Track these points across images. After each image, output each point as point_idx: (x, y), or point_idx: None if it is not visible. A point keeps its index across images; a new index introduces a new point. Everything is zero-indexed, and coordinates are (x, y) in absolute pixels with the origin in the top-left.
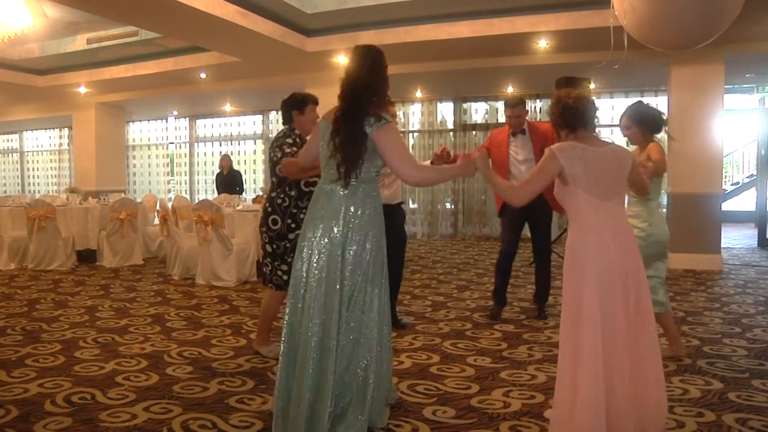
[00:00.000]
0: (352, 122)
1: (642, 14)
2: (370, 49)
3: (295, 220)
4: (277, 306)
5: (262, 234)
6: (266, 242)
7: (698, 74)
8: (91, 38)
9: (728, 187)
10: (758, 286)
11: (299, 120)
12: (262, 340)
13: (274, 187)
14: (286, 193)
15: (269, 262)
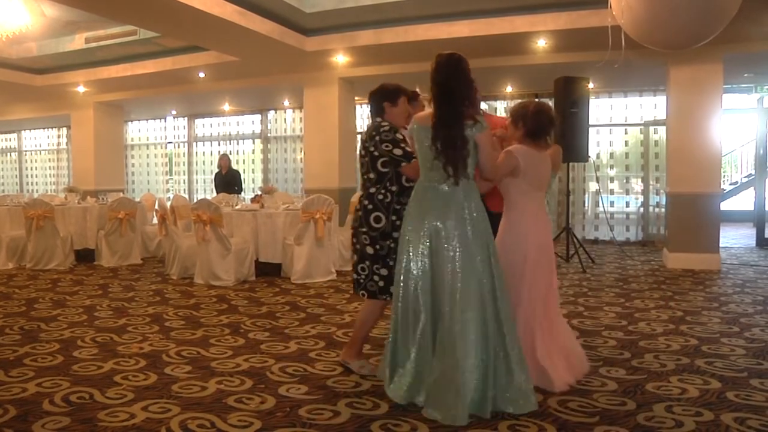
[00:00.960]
0: (452, 128)
1: (639, 13)
2: (457, 56)
3: (399, 217)
4: (378, 315)
5: (361, 235)
6: (367, 243)
7: (697, 74)
8: (89, 37)
9: (727, 187)
10: (756, 285)
11: (391, 112)
12: (355, 353)
13: (371, 183)
14: (387, 188)
15: (367, 266)
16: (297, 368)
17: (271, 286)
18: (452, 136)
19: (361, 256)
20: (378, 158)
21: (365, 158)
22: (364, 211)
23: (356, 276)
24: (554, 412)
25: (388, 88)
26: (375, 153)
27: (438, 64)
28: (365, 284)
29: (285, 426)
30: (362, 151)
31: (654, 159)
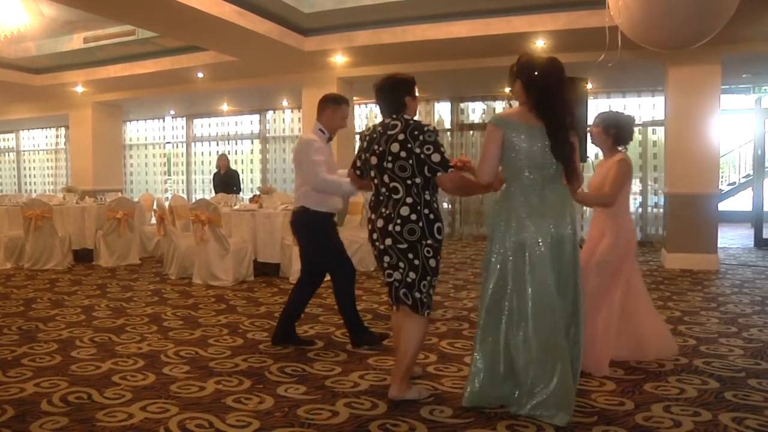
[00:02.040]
0: (566, 131)
1: (636, 14)
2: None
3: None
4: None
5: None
6: (430, 257)
7: (695, 74)
8: (88, 37)
9: (725, 188)
10: (754, 285)
11: (412, 106)
12: (408, 383)
13: (419, 188)
14: (433, 195)
15: (429, 281)
16: (295, 368)
17: (269, 286)
18: (566, 139)
19: (423, 271)
20: (424, 162)
21: (407, 160)
22: (426, 221)
23: (419, 295)
24: None
25: (407, 78)
26: (422, 156)
27: (543, 66)
28: (429, 302)
29: (283, 426)
30: (399, 152)
31: (652, 159)
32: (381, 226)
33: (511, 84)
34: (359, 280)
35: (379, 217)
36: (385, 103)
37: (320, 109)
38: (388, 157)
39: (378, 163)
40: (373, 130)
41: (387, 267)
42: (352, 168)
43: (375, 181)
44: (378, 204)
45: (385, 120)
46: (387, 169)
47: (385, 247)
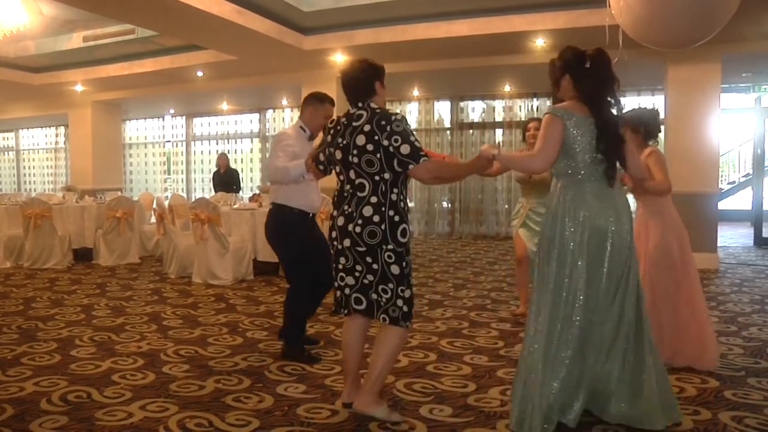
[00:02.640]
0: (617, 124)
1: (638, 12)
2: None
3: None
4: (402, 346)
5: (382, 252)
6: (391, 262)
7: (695, 73)
8: (87, 36)
9: (724, 187)
10: (754, 284)
11: (382, 94)
12: (376, 398)
13: (388, 185)
14: (402, 192)
15: (391, 288)
16: (295, 367)
17: (269, 285)
18: (618, 133)
19: (382, 276)
20: (393, 155)
21: (374, 154)
22: (389, 223)
23: (377, 297)
24: None
25: (378, 64)
26: (390, 149)
27: (594, 58)
28: (387, 308)
29: (283, 425)
30: (365, 144)
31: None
32: (341, 225)
33: (556, 79)
34: None
35: (341, 215)
36: (352, 89)
37: (303, 106)
38: (353, 150)
39: (342, 157)
40: (337, 122)
41: (341, 270)
42: (313, 162)
43: (340, 177)
44: (341, 201)
45: (350, 110)
46: (353, 164)
47: (342, 248)
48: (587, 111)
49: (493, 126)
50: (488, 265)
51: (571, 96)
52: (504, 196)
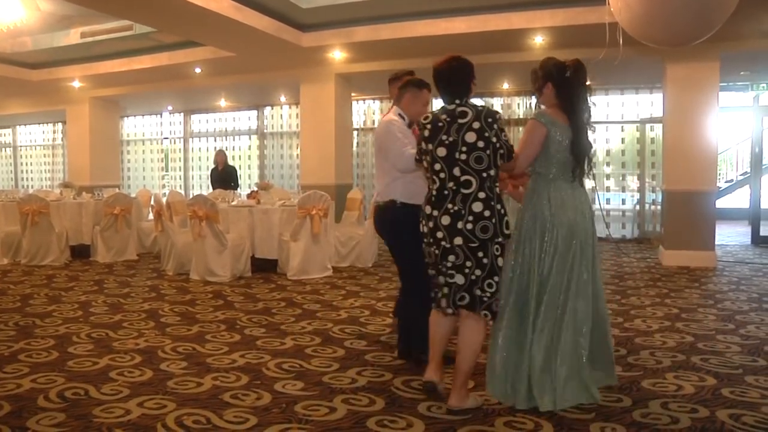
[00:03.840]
0: (587, 131)
1: (636, 10)
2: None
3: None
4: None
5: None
6: (498, 255)
7: (693, 71)
8: (85, 32)
9: (722, 185)
10: (752, 283)
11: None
12: (467, 391)
13: (492, 182)
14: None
15: (495, 282)
16: (293, 364)
17: (267, 282)
18: (587, 139)
19: (491, 270)
20: (498, 151)
21: (484, 151)
22: (498, 217)
23: (480, 293)
24: None
25: (469, 61)
26: (497, 145)
27: (575, 68)
28: (491, 304)
29: (281, 422)
30: (476, 142)
31: (650, 156)
32: (448, 223)
33: (539, 86)
34: (357, 276)
35: (445, 214)
36: (453, 85)
37: (399, 92)
38: (461, 147)
39: (447, 154)
40: (435, 119)
41: (450, 268)
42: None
43: (440, 175)
44: (442, 199)
45: (447, 107)
46: (459, 161)
47: (452, 246)
48: (566, 118)
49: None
50: None
51: (552, 103)
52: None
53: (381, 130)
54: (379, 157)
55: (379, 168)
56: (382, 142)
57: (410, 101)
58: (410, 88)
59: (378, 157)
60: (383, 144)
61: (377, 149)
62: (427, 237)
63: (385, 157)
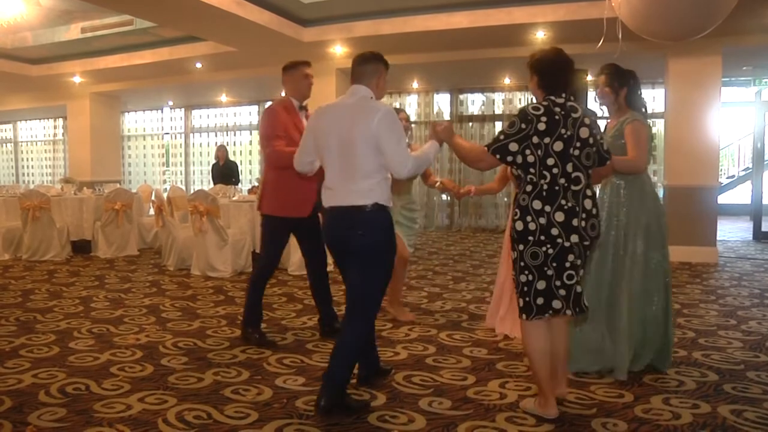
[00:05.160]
0: None
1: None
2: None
3: None
4: None
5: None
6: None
7: (695, 66)
8: (85, 27)
9: (724, 181)
10: (753, 278)
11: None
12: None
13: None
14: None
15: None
16: (294, 359)
17: None
18: None
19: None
20: (600, 150)
21: (593, 148)
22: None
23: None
24: None
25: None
26: (601, 142)
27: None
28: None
29: (282, 417)
30: (588, 138)
31: (652, 151)
32: (562, 220)
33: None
34: None
35: (558, 210)
36: (561, 76)
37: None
38: (576, 143)
39: (563, 149)
40: (549, 111)
41: (569, 268)
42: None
43: (554, 171)
44: (553, 195)
45: (556, 99)
46: (572, 157)
47: (570, 245)
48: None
49: (493, 118)
50: (487, 258)
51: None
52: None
53: (384, 117)
54: (367, 147)
55: (359, 162)
56: (383, 132)
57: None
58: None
59: (365, 146)
60: (384, 134)
61: (369, 138)
62: (534, 235)
63: (374, 151)
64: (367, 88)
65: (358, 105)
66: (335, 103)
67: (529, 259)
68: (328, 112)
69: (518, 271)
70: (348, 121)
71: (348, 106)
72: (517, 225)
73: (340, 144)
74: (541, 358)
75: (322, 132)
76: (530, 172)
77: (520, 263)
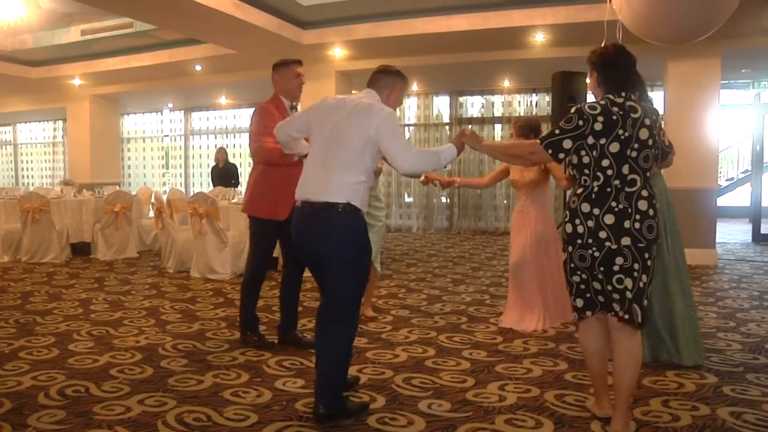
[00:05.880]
0: None
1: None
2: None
3: None
4: None
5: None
6: (655, 255)
7: (695, 69)
8: (85, 30)
9: (723, 183)
10: (752, 280)
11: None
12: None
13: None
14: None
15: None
16: (293, 362)
17: (267, 280)
18: None
19: (651, 275)
20: (662, 150)
21: (652, 149)
22: (657, 216)
23: (646, 303)
24: (551, 406)
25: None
26: (662, 142)
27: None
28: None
29: (281, 420)
30: (648, 139)
31: None
32: (612, 223)
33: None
34: None
35: (607, 212)
36: (624, 75)
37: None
38: (634, 144)
39: (620, 150)
40: (608, 111)
41: (618, 272)
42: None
43: (608, 172)
44: (604, 197)
45: (615, 99)
46: (629, 158)
47: (619, 247)
48: None
49: (492, 121)
50: (487, 260)
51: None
52: (503, 191)
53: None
54: (356, 141)
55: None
56: (383, 129)
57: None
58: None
59: (355, 140)
60: (384, 132)
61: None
62: (582, 238)
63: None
64: (377, 94)
65: (363, 101)
66: (343, 96)
67: (578, 261)
68: (332, 99)
69: (569, 273)
70: (348, 112)
71: (353, 100)
72: (567, 228)
73: (333, 130)
74: (592, 357)
75: (320, 114)
76: (584, 173)
77: (570, 264)
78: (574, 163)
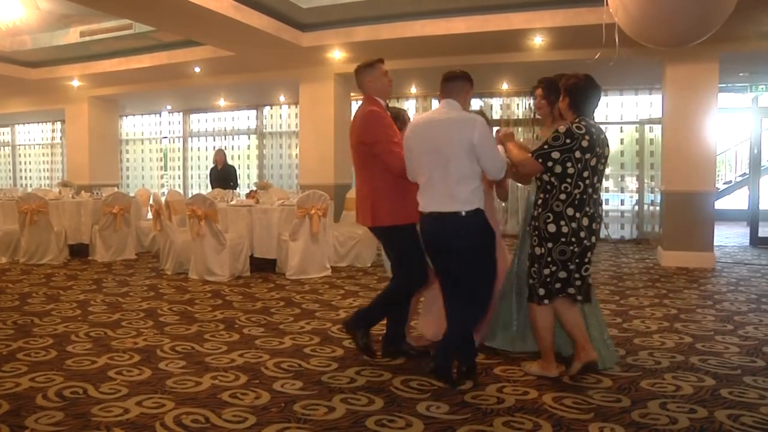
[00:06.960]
0: None
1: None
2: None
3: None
4: None
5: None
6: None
7: (693, 72)
8: (84, 31)
9: (721, 186)
10: (750, 284)
11: None
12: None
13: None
14: None
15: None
16: (292, 364)
17: (265, 282)
18: None
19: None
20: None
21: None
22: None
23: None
24: (549, 408)
25: None
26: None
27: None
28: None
29: (279, 421)
30: (602, 158)
31: (649, 157)
32: (587, 225)
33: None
34: (355, 275)
35: (584, 216)
36: (585, 103)
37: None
38: (602, 159)
39: (596, 164)
40: (591, 131)
41: (587, 263)
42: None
43: (586, 182)
44: (583, 203)
45: (590, 120)
46: (599, 171)
47: (591, 244)
48: None
49: (491, 124)
50: None
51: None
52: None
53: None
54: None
55: (455, 168)
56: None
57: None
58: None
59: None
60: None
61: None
62: (566, 237)
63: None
64: (456, 102)
65: (453, 115)
66: (430, 118)
67: (557, 255)
68: (420, 126)
69: (542, 266)
70: (445, 130)
71: (442, 116)
72: (549, 227)
73: (437, 150)
74: (549, 331)
75: (418, 142)
76: (567, 182)
77: (547, 258)
78: (557, 172)
